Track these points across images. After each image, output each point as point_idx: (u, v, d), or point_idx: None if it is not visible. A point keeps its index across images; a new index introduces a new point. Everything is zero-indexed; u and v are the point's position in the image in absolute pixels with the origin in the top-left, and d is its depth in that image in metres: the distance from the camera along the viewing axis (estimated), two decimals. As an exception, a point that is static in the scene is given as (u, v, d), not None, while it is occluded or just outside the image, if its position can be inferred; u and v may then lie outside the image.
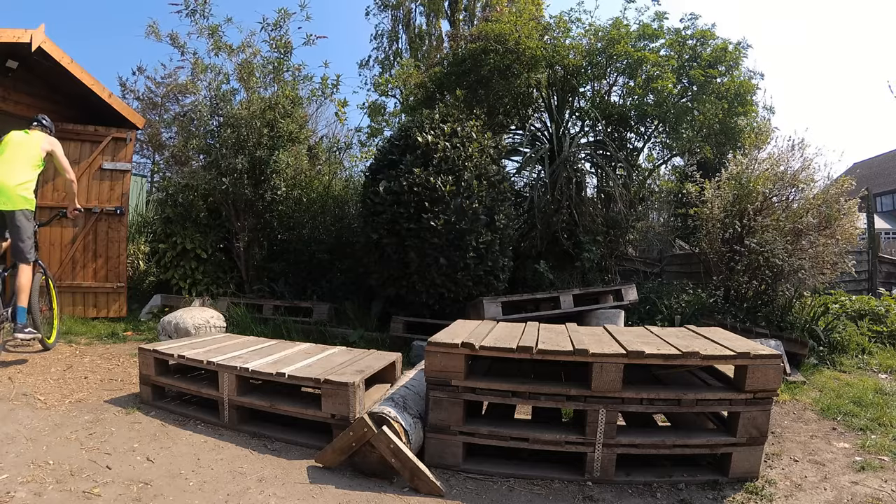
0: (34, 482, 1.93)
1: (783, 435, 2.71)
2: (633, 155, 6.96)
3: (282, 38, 5.74)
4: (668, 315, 4.92)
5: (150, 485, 1.98)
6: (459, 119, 4.96)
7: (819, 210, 4.54)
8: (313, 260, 5.95)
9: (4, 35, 4.59)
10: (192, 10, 5.56)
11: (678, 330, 2.73)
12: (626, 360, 2.08)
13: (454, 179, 4.44)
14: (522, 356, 2.17)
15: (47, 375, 3.37)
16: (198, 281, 5.74)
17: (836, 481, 2.17)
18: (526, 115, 7.01)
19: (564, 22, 6.81)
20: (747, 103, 6.09)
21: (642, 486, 2.12)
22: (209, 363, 2.69)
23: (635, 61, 6.07)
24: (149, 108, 13.00)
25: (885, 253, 9.14)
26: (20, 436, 2.35)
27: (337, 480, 2.10)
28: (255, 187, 5.59)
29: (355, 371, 2.56)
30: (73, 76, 5.23)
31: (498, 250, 4.69)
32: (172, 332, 4.17)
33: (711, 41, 6.36)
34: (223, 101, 5.67)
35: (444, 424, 2.23)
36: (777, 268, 4.42)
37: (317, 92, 6.15)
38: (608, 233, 6.17)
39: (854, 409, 3.04)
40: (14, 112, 5.30)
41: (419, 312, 4.71)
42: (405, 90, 7.50)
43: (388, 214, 4.49)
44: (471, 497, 2.03)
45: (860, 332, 4.62)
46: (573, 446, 2.15)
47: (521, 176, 6.84)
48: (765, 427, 2.09)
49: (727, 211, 4.78)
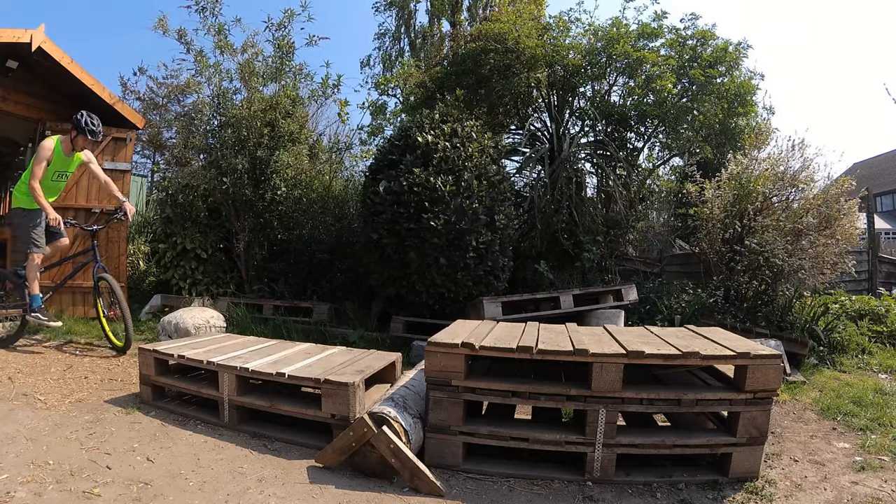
0: (34, 482, 1.93)
1: (783, 435, 2.71)
2: (633, 155, 6.96)
3: (284, 38, 5.75)
4: (668, 315, 4.92)
5: (150, 485, 1.98)
6: (459, 119, 4.96)
7: (819, 210, 4.54)
8: (313, 260, 5.95)
9: (4, 35, 4.60)
10: (202, 6, 5.57)
11: (678, 330, 2.73)
12: (626, 360, 2.08)
13: (454, 179, 4.44)
14: (522, 356, 2.16)
15: (47, 375, 3.37)
16: (198, 281, 5.74)
17: (836, 481, 2.17)
18: (526, 114, 7.01)
19: (564, 22, 6.82)
20: (747, 103, 6.09)
21: (642, 486, 2.12)
22: (209, 363, 2.69)
23: (635, 61, 6.07)
24: (150, 109, 12.97)
25: (885, 253, 9.14)
26: (20, 436, 2.35)
27: (337, 480, 2.10)
28: (256, 187, 5.59)
29: (355, 371, 2.56)
30: (73, 76, 5.23)
31: (498, 250, 4.69)
32: (172, 332, 4.17)
33: (712, 41, 6.36)
34: (224, 100, 5.67)
35: (444, 424, 2.23)
36: (777, 268, 4.42)
37: (317, 92, 6.15)
38: (608, 233, 6.17)
39: (854, 409, 3.04)
40: (14, 112, 5.30)
41: (419, 312, 4.71)
42: (405, 90, 7.50)
43: (388, 214, 4.49)
44: (471, 497, 2.03)
45: (860, 332, 4.62)
46: (573, 446, 2.15)
47: (521, 176, 6.84)
48: (765, 427, 2.09)
49: (727, 211, 4.78)
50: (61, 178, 4.17)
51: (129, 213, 4.24)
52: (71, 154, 4.06)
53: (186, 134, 5.76)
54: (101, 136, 4.10)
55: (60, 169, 4.09)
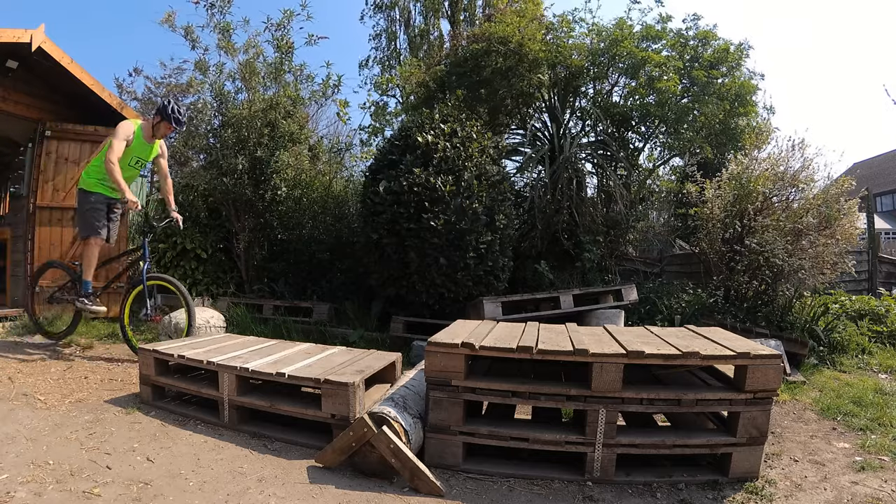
0: (34, 482, 1.93)
1: (783, 435, 2.71)
2: (634, 155, 6.96)
3: (283, 38, 5.75)
4: (668, 315, 4.92)
5: (150, 485, 1.98)
6: (460, 119, 4.96)
7: (819, 210, 4.54)
8: (313, 260, 5.95)
9: (4, 35, 4.59)
10: (210, 2, 5.57)
11: (678, 330, 2.73)
12: (626, 360, 2.08)
13: (454, 179, 4.44)
14: (522, 356, 2.16)
15: (47, 375, 3.37)
16: (198, 281, 5.73)
17: (836, 481, 2.17)
18: (527, 114, 7.00)
19: (568, 22, 6.81)
20: (748, 104, 6.10)
21: (642, 486, 2.12)
22: (209, 363, 2.69)
23: (639, 62, 6.07)
24: (149, 109, 12.96)
25: (885, 253, 9.13)
26: (20, 436, 2.35)
27: (337, 480, 2.10)
28: (256, 187, 5.59)
29: (355, 371, 2.56)
30: (73, 76, 5.23)
31: (498, 250, 4.69)
32: (172, 332, 4.16)
33: (713, 42, 6.36)
34: (225, 100, 5.67)
35: (444, 424, 2.23)
36: (777, 268, 4.42)
37: (317, 93, 6.16)
38: (608, 233, 6.16)
39: (854, 409, 3.04)
40: (14, 112, 5.30)
41: (419, 312, 4.71)
42: (406, 90, 7.50)
43: (388, 214, 4.49)
44: (471, 497, 2.03)
45: (860, 332, 4.62)
46: (573, 446, 2.15)
47: (522, 176, 6.84)
48: (765, 427, 2.09)
49: (727, 211, 4.78)
50: (139, 165, 4.01)
51: (179, 222, 4.15)
52: (151, 141, 3.92)
53: (186, 134, 5.76)
54: (185, 125, 4.00)
55: (139, 155, 3.93)
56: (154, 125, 3.87)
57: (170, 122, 3.82)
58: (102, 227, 3.87)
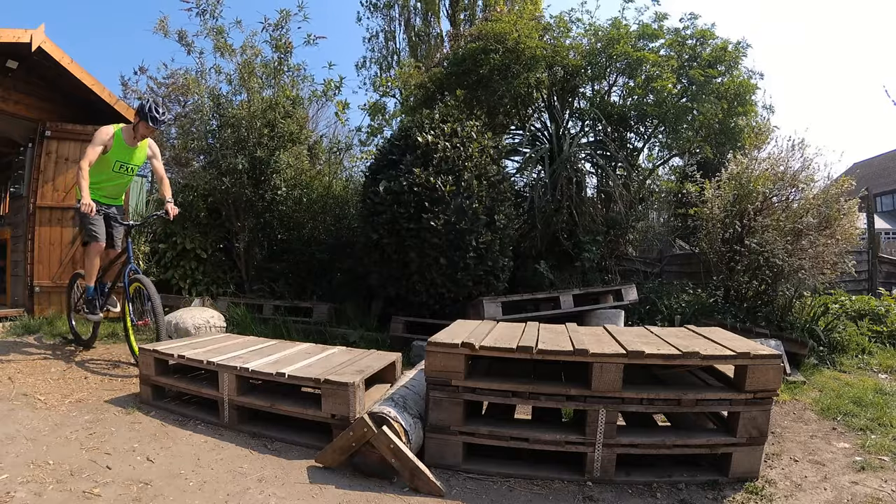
0: (34, 482, 1.93)
1: (783, 435, 2.71)
2: (633, 155, 6.95)
3: (282, 38, 5.75)
4: (668, 315, 4.92)
5: (150, 485, 1.98)
6: (459, 119, 4.96)
7: (819, 210, 4.53)
8: (313, 260, 5.95)
9: (4, 35, 4.59)
10: (202, 9, 5.58)
11: (678, 330, 2.73)
12: (626, 360, 2.08)
13: (454, 179, 4.44)
14: (522, 356, 2.16)
15: (47, 375, 3.37)
16: (198, 281, 5.74)
17: (836, 481, 2.17)
18: (526, 115, 7.00)
19: (565, 22, 6.81)
20: (747, 103, 6.08)
21: (642, 486, 2.12)
22: (209, 363, 2.69)
23: (635, 61, 6.07)
24: (149, 109, 12.96)
25: (885, 253, 9.12)
26: (20, 436, 2.35)
27: (337, 480, 2.10)
28: (256, 187, 5.60)
29: (355, 371, 2.56)
30: (73, 76, 5.23)
31: (498, 250, 4.69)
32: (172, 332, 4.16)
33: (711, 41, 6.35)
34: (224, 102, 5.67)
35: (444, 424, 2.23)
36: (777, 268, 4.42)
37: (318, 93, 6.16)
38: (608, 233, 6.16)
39: (854, 409, 3.04)
40: (14, 112, 5.30)
41: (419, 312, 4.71)
42: (405, 90, 7.50)
43: (388, 214, 4.49)
44: (471, 497, 2.03)
45: (860, 332, 4.62)
46: (573, 446, 2.15)
47: (522, 176, 6.83)
48: (765, 427, 2.09)
49: (727, 211, 4.78)
50: (125, 170, 3.88)
51: (171, 213, 3.92)
52: (134, 144, 3.83)
53: (186, 135, 5.76)
54: (163, 124, 3.85)
55: (123, 159, 3.82)
56: (134, 126, 3.78)
57: (147, 121, 3.70)
58: (101, 233, 3.81)
